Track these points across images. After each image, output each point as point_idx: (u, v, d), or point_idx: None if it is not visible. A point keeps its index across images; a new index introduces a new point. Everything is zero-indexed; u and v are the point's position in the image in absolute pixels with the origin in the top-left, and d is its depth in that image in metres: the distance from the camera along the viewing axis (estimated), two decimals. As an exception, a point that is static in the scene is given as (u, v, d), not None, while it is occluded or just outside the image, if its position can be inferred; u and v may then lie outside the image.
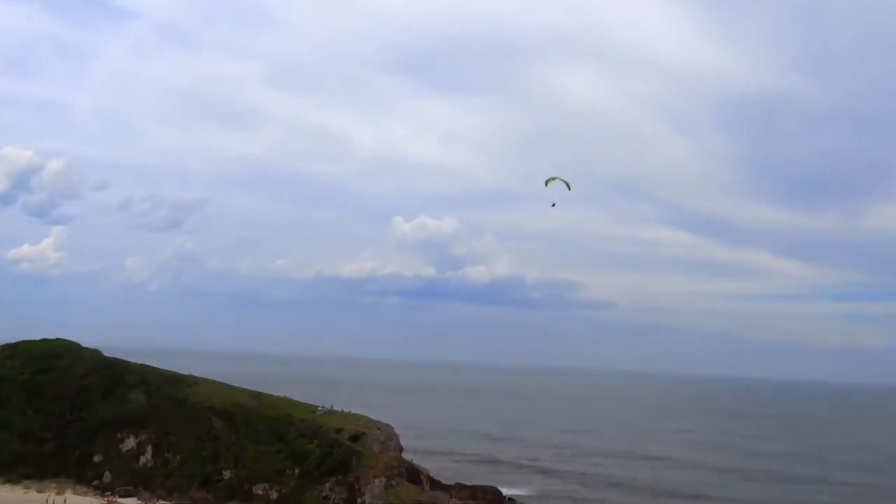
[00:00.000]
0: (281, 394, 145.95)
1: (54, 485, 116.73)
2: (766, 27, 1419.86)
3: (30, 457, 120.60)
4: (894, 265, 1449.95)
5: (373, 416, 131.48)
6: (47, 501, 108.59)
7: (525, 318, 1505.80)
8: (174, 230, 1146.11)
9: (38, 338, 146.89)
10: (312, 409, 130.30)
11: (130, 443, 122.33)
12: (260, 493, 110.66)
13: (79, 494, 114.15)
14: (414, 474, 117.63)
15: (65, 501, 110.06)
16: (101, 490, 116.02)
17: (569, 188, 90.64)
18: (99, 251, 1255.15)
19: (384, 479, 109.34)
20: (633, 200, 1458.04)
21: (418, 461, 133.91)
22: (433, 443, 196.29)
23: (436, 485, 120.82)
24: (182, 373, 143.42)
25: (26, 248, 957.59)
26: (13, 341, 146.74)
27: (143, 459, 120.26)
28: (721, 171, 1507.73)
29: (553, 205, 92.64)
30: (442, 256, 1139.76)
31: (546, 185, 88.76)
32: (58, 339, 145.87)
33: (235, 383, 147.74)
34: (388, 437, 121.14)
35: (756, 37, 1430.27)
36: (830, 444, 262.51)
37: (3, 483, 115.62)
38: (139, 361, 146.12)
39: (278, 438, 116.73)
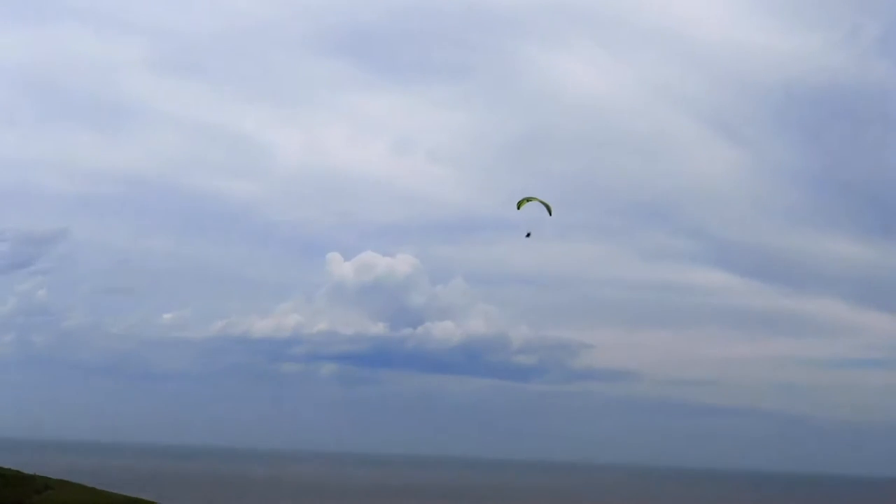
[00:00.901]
0: (171, 501, 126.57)
1: None
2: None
3: None
4: None
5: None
6: None
7: (510, 394, 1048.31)
8: (18, 272, 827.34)
9: None
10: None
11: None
12: None
13: None
14: None
15: None
16: None
17: (550, 212, 78.50)
18: None
19: None
20: (661, 230, 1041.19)
21: None
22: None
23: None
24: (29, 473, 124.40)
25: None
26: None
27: None
28: (783, 191, 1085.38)
29: (528, 234, 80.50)
30: (395, 308, 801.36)
31: (518, 207, 77.80)
32: None
33: (106, 486, 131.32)
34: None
35: (829, 8, 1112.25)
36: None
37: None
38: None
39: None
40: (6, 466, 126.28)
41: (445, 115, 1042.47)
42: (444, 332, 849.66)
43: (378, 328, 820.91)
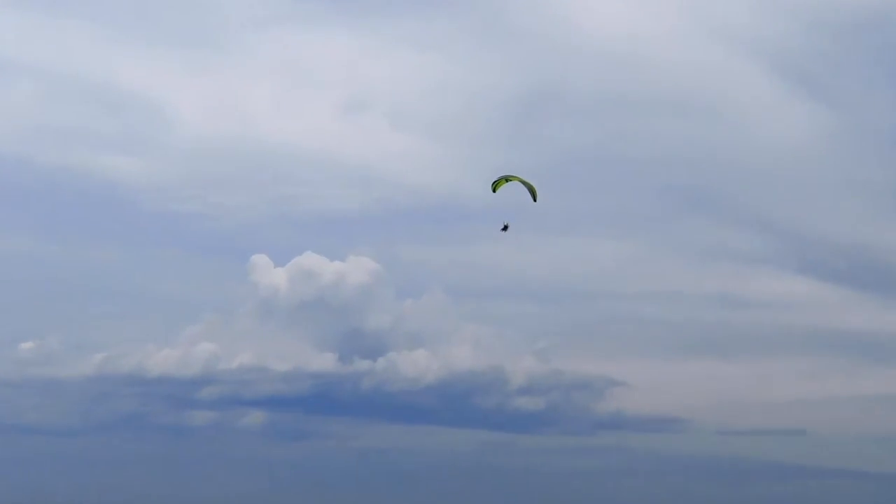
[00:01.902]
0: None
1: None
2: None
3: None
4: None
5: None
6: None
7: (509, 451, 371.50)
8: None
9: None
10: None
11: None
12: None
13: None
14: None
15: None
16: None
17: (534, 197, 65.87)
18: None
19: None
20: (713, 221, 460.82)
21: None
22: None
23: None
24: None
25: None
26: None
27: None
28: (887, 167, 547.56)
29: (505, 227, 68.63)
30: (347, 333, 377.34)
31: (494, 189, 64.80)
32: None
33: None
34: None
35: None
36: None
37: None
38: None
39: None
40: None
41: (414, 61, 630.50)
42: (415, 365, 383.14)
43: (323, 361, 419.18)
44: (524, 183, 63.29)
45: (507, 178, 63.75)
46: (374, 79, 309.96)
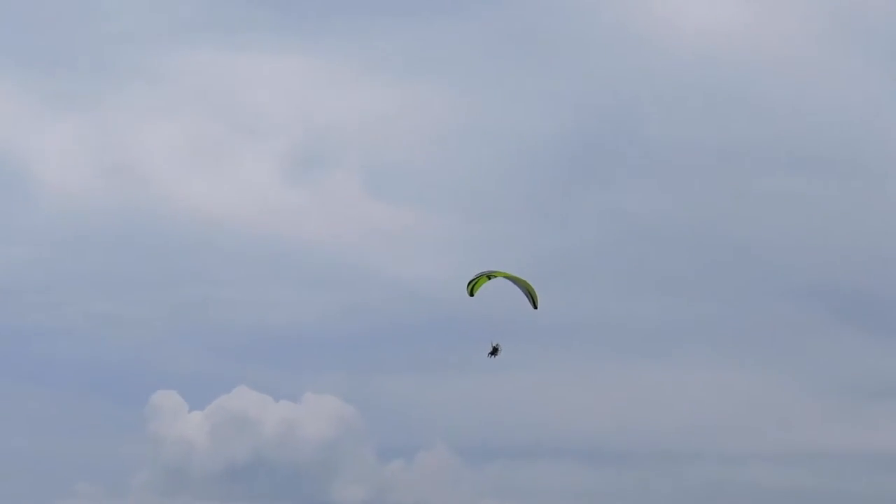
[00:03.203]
0: None
1: None
2: None
3: None
4: None
5: None
6: None
7: None
8: None
9: None
10: None
11: None
12: None
13: None
14: None
15: None
16: None
17: (534, 303, 52.81)
18: None
19: None
20: (880, 342, 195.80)
21: None
22: None
23: None
24: None
25: None
26: None
27: None
28: None
29: (493, 351, 55.05)
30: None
31: (472, 292, 52.52)
32: None
33: None
34: None
35: None
36: None
37: None
38: None
39: None
40: None
41: (399, 93, 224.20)
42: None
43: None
44: (515, 280, 51.62)
45: (489, 276, 52.15)
46: (340, 120, 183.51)
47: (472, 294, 53.05)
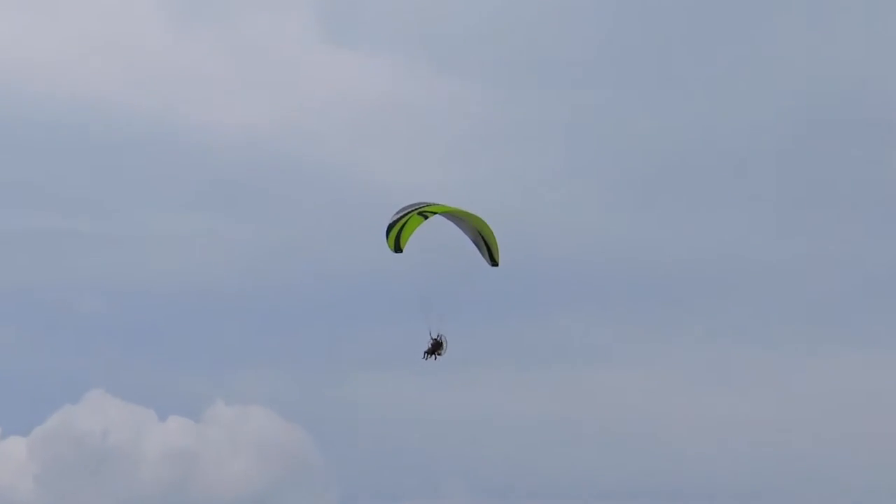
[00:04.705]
0: None
1: None
2: None
3: None
4: None
5: None
6: None
7: None
8: None
9: None
10: None
11: None
12: None
13: None
14: None
15: None
16: None
17: (495, 260, 31.75)
18: None
19: None
20: None
21: None
22: None
23: None
24: None
25: None
26: None
27: None
28: None
29: (430, 350, 32.68)
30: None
31: (398, 247, 29.85)
32: None
33: None
34: None
35: None
36: None
37: None
38: None
39: None
40: None
41: None
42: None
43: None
44: (462, 218, 30.03)
45: (423, 213, 29.42)
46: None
47: (399, 249, 29.58)
